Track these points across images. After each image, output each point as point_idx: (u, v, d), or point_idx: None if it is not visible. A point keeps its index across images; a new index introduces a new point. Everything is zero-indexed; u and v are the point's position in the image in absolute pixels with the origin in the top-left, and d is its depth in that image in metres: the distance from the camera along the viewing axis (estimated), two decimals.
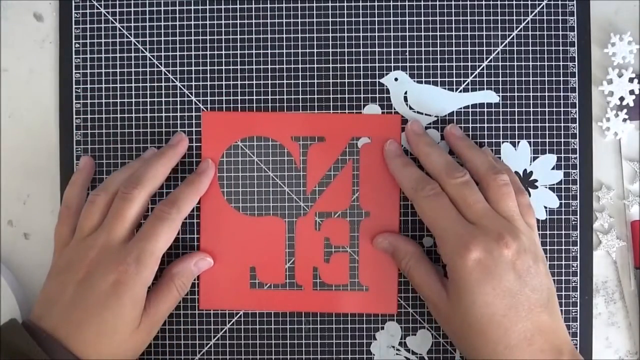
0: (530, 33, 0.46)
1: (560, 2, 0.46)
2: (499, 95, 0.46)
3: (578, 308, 0.46)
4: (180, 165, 0.46)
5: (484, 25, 0.46)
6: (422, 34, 0.47)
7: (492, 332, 0.39)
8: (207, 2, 0.47)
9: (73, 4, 0.47)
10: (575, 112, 0.46)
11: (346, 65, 0.47)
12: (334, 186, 0.46)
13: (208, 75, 0.47)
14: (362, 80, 0.47)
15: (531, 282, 0.40)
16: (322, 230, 0.46)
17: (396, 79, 0.46)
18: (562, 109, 0.46)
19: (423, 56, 0.47)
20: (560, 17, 0.46)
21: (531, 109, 0.46)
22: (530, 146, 0.46)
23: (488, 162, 0.43)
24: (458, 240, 0.40)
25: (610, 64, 0.46)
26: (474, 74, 0.46)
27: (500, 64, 0.46)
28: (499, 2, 0.46)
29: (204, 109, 0.47)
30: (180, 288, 0.44)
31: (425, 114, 0.46)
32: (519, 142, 0.46)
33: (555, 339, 0.40)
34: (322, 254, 0.46)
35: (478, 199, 0.42)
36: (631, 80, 0.46)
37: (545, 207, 0.46)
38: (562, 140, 0.46)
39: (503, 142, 0.46)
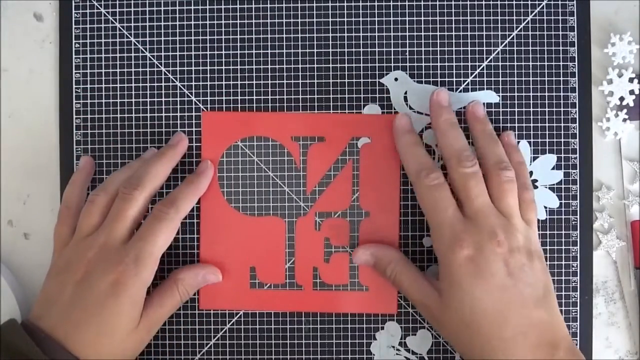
0: (530, 33, 0.46)
1: (560, 2, 0.46)
2: (499, 95, 0.46)
3: (578, 308, 0.46)
4: (180, 165, 0.46)
5: (484, 25, 0.46)
6: (422, 34, 0.47)
7: (486, 327, 0.39)
8: (207, 2, 0.47)
9: (73, 4, 0.47)
10: (575, 112, 0.46)
11: (346, 65, 0.47)
12: (334, 186, 0.46)
13: (208, 75, 0.47)
14: (362, 80, 0.47)
15: (524, 279, 0.40)
16: (322, 230, 0.46)
17: (396, 79, 0.46)
18: (562, 109, 0.46)
19: (423, 56, 0.47)
20: (560, 17, 0.46)
21: (531, 109, 0.46)
22: (530, 146, 0.46)
23: (497, 154, 0.43)
24: (451, 236, 0.41)
25: (610, 64, 0.46)
26: (474, 74, 0.46)
27: (500, 64, 0.46)
28: (499, 2, 0.46)
29: (204, 109, 0.47)
30: (183, 294, 0.44)
31: (426, 114, 0.46)
32: (519, 142, 0.46)
33: (550, 335, 0.40)
34: (322, 254, 0.46)
35: (480, 192, 0.42)
36: (631, 80, 0.46)
37: (545, 207, 0.46)
38: (562, 140, 0.46)
39: None
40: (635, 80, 0.46)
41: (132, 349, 0.42)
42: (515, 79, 0.46)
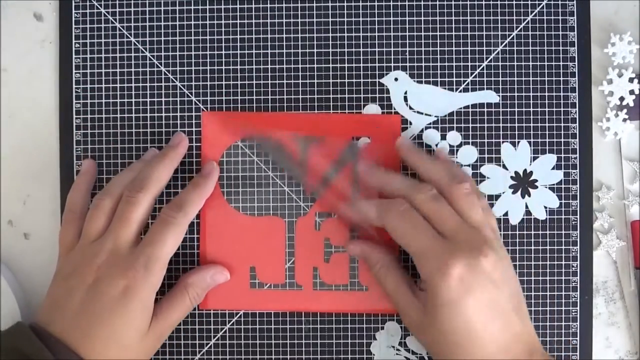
0: (530, 33, 0.46)
1: (560, 2, 0.46)
2: (499, 95, 0.46)
3: (578, 308, 0.46)
4: (181, 166, 0.46)
5: (484, 25, 0.46)
6: (422, 34, 0.47)
7: (470, 345, 0.39)
8: (207, 2, 0.47)
9: (73, 4, 0.47)
10: (575, 112, 0.46)
11: (346, 65, 0.47)
12: (334, 186, 0.46)
13: (208, 75, 0.47)
14: (362, 80, 0.47)
15: (507, 289, 0.40)
16: (322, 230, 0.46)
17: (396, 79, 0.46)
18: (562, 109, 0.46)
19: (423, 56, 0.47)
20: (560, 17, 0.46)
21: (531, 109, 0.46)
22: (530, 146, 0.46)
23: (446, 171, 0.43)
24: (437, 258, 0.39)
25: (610, 64, 0.46)
26: (474, 74, 0.46)
27: (500, 64, 0.46)
28: (499, 2, 0.46)
29: (204, 109, 0.47)
30: (194, 299, 0.44)
31: (425, 114, 0.46)
32: (519, 142, 0.46)
33: (527, 343, 0.40)
34: (322, 254, 0.46)
35: (450, 212, 0.41)
36: (631, 80, 0.46)
37: (545, 207, 0.46)
38: (562, 140, 0.46)
39: (503, 142, 0.46)
40: (635, 80, 0.46)
41: (142, 355, 0.42)
42: (515, 79, 0.46)
